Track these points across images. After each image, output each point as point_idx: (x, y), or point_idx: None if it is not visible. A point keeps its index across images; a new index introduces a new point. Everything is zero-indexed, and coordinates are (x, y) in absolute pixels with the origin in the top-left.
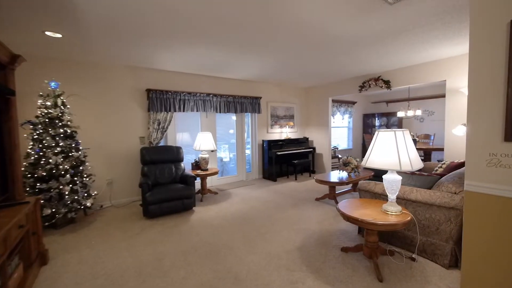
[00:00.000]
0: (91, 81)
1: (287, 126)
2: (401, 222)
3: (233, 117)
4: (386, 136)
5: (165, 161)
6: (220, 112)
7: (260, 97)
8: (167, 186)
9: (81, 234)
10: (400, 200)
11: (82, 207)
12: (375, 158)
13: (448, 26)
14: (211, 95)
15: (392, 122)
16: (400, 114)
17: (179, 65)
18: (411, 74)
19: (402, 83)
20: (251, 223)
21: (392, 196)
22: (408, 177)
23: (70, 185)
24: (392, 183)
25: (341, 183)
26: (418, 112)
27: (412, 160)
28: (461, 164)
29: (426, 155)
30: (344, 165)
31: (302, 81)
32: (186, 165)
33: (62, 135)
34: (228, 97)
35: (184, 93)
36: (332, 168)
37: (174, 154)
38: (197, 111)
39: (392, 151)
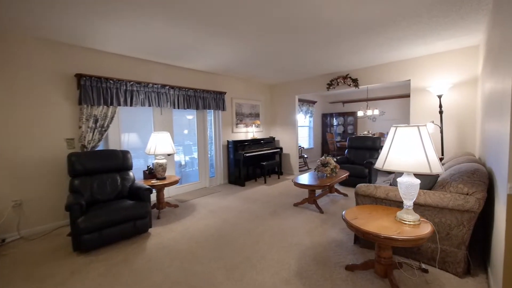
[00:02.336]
0: None
1: (253, 125)
2: (427, 234)
3: (188, 116)
4: (408, 133)
5: (107, 170)
6: (178, 108)
7: (225, 92)
8: (110, 205)
9: None
10: None
11: None
12: (395, 159)
13: (432, 21)
14: (167, 87)
15: (348, 121)
16: (360, 113)
17: (126, 46)
18: (377, 73)
19: (368, 81)
20: (229, 243)
21: (408, 203)
22: None
23: None
24: (409, 188)
25: (322, 186)
26: (376, 112)
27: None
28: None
29: None
30: (323, 166)
31: (269, 77)
32: (136, 172)
33: None
34: (188, 91)
35: (132, 83)
36: (299, 168)
37: (119, 160)
38: (149, 105)
39: (418, 151)
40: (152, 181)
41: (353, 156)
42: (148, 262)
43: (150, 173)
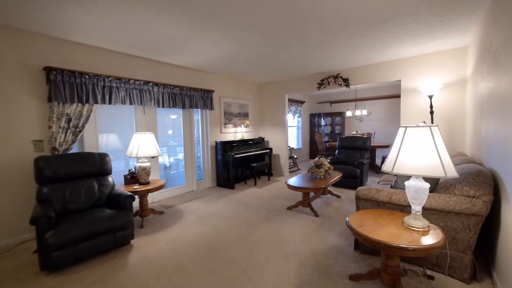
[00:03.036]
0: None
1: (242, 125)
2: (440, 242)
3: (172, 116)
4: (419, 134)
5: (82, 175)
6: (163, 107)
7: (213, 91)
8: (86, 215)
9: None
10: (408, 208)
11: None
12: (406, 162)
13: (428, 19)
14: (151, 84)
15: (336, 121)
16: (349, 113)
17: (104, 38)
18: (368, 73)
19: (359, 81)
20: (221, 255)
21: (417, 208)
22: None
23: None
24: (418, 192)
25: (318, 188)
26: (365, 112)
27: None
28: None
29: (371, 152)
30: (317, 167)
31: (259, 76)
32: (116, 177)
33: None
34: (173, 88)
35: (110, 78)
36: (289, 169)
37: (96, 165)
38: (130, 104)
39: (431, 153)
40: (134, 187)
41: (344, 157)
42: (130, 280)
43: (132, 178)
